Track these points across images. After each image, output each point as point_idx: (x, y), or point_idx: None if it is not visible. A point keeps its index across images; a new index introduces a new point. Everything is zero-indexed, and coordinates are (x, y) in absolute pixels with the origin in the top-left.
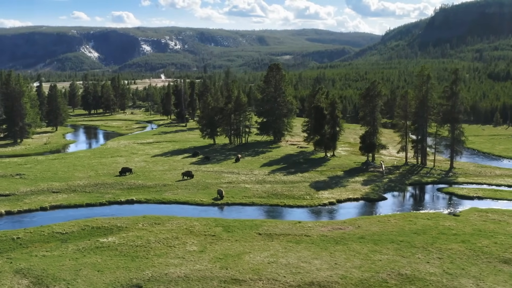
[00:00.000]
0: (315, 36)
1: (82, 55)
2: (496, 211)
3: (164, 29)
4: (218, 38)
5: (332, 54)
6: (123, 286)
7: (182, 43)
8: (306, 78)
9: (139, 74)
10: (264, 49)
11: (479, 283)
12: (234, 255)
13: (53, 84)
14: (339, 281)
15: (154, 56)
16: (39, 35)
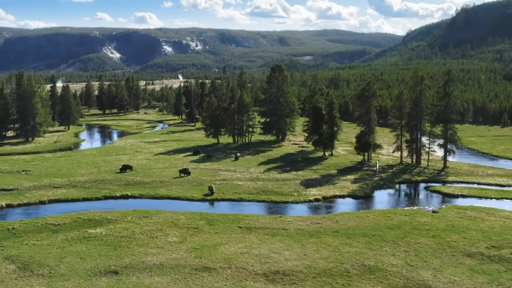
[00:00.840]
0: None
1: (104, 56)
2: (475, 209)
3: (185, 30)
4: (239, 39)
5: (353, 54)
6: (101, 272)
7: (203, 44)
8: (321, 79)
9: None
10: (285, 50)
11: (437, 274)
12: (210, 246)
13: (65, 85)
14: (303, 270)
15: (175, 57)
16: (62, 36)
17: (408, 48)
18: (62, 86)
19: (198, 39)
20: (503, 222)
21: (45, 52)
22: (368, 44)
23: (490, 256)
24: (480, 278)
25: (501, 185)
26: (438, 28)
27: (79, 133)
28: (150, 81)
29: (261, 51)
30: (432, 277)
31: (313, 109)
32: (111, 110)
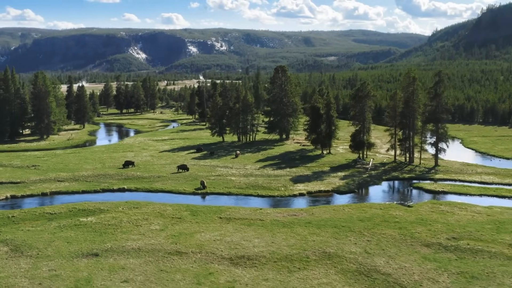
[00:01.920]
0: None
1: (130, 57)
2: (449, 204)
3: (211, 31)
4: (264, 39)
5: (378, 55)
6: (83, 254)
7: (228, 44)
8: (339, 79)
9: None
10: (309, 50)
11: (390, 261)
12: (187, 234)
13: (81, 85)
14: (267, 256)
15: (199, 57)
16: (89, 37)
17: (433, 49)
18: (78, 86)
19: (223, 40)
20: (471, 216)
21: (73, 52)
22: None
23: (446, 246)
24: (429, 265)
25: (485, 183)
26: (463, 28)
27: (93, 131)
28: (171, 81)
29: (286, 51)
30: (385, 263)
31: (311, 109)
32: (128, 109)
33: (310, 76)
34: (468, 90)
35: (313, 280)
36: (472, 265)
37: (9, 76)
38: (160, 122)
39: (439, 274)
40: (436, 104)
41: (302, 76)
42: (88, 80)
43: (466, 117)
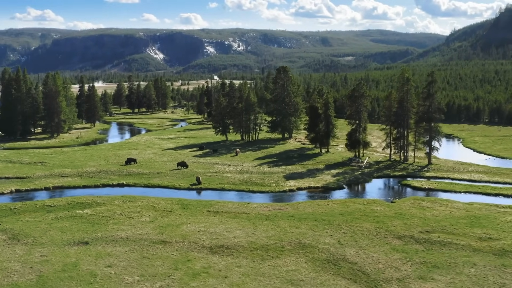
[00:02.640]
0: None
1: (148, 57)
2: (431, 200)
3: (228, 31)
4: (281, 39)
5: (395, 55)
6: (75, 242)
7: (245, 44)
8: (350, 79)
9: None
10: (327, 50)
11: (359, 251)
12: (174, 225)
13: (91, 85)
14: (245, 245)
15: (217, 57)
16: (108, 37)
17: (450, 49)
18: (88, 86)
19: (241, 40)
20: (449, 211)
21: (91, 52)
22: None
23: (417, 239)
24: (396, 255)
25: (473, 181)
26: (481, 28)
27: (103, 130)
28: (186, 81)
29: (303, 51)
30: (354, 253)
31: (309, 109)
32: (140, 109)
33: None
34: (478, 90)
35: (282, 267)
36: (437, 256)
37: (20, 76)
38: (169, 122)
39: (403, 264)
40: (429, 104)
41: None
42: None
43: (473, 117)
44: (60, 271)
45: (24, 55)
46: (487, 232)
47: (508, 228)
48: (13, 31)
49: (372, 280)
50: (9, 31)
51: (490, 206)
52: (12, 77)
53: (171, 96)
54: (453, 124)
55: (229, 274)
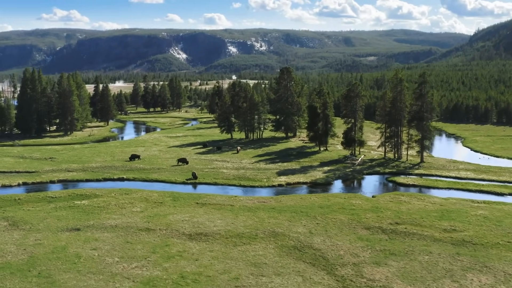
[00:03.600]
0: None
1: (171, 57)
2: (410, 195)
3: (251, 31)
4: (304, 39)
5: (418, 55)
6: (68, 229)
7: (267, 44)
8: (366, 79)
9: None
10: (349, 50)
11: (326, 240)
12: (161, 215)
13: (105, 85)
14: (222, 233)
15: (239, 57)
16: (131, 38)
17: (473, 49)
18: (102, 86)
19: (263, 40)
20: (424, 205)
21: (115, 52)
22: (436, 44)
23: (385, 230)
24: (359, 244)
25: (459, 178)
26: (505, 28)
27: (116, 128)
28: (205, 81)
29: (325, 51)
30: (321, 241)
31: (309, 108)
32: (155, 108)
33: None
34: (491, 91)
35: (250, 252)
36: (397, 244)
37: (36, 76)
38: (181, 120)
39: (363, 251)
40: (421, 104)
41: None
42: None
43: (480, 117)
44: (50, 252)
45: (50, 55)
46: (453, 225)
47: (475, 221)
48: (39, 31)
49: (330, 264)
50: (35, 32)
51: (466, 201)
52: (28, 78)
53: (188, 96)
54: (460, 124)
55: (201, 257)
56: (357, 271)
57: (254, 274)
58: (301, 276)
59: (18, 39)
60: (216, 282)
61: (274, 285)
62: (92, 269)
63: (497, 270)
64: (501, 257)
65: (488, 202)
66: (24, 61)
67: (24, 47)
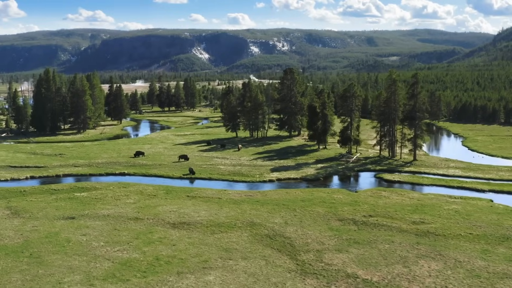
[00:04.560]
0: (427, 37)
1: (193, 57)
2: (392, 191)
3: (273, 31)
4: (326, 39)
5: (441, 55)
6: (63, 217)
7: (289, 44)
8: (381, 80)
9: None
10: (372, 50)
11: (298, 229)
12: (152, 206)
13: (118, 85)
14: (203, 222)
15: (261, 57)
16: (154, 38)
17: (496, 49)
18: (116, 86)
19: (285, 40)
20: (401, 200)
21: (138, 52)
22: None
23: (356, 221)
24: (328, 233)
25: (445, 175)
26: None
27: (128, 126)
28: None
29: (347, 51)
30: (293, 231)
31: (308, 108)
32: (170, 107)
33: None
34: (504, 91)
35: (225, 239)
36: (364, 234)
37: (50, 77)
38: (192, 120)
39: (330, 239)
40: (414, 104)
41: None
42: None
43: (488, 117)
44: (43, 237)
45: (74, 55)
46: (423, 218)
47: (445, 215)
48: (64, 31)
49: (296, 250)
50: (60, 32)
51: (444, 196)
52: (43, 78)
53: (204, 96)
54: (467, 124)
55: (178, 243)
56: (318, 257)
57: (223, 258)
58: (265, 260)
59: (44, 39)
60: (186, 263)
61: (239, 267)
62: (78, 251)
63: (449, 257)
64: (458, 246)
65: (464, 198)
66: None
67: (49, 47)
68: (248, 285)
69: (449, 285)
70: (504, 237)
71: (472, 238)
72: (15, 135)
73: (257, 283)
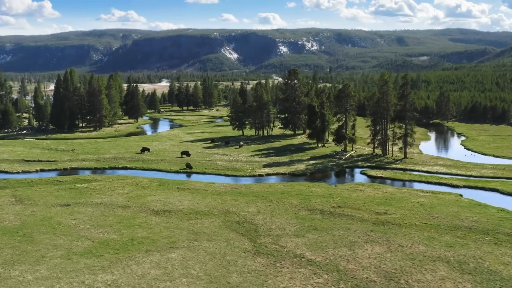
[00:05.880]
0: (459, 36)
1: (222, 57)
2: (369, 185)
3: (302, 31)
4: (356, 39)
5: (472, 55)
6: (60, 204)
7: (319, 44)
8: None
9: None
10: (401, 50)
11: (267, 217)
12: (141, 196)
13: (135, 85)
14: (183, 210)
15: (289, 57)
16: (184, 38)
17: None
18: (132, 85)
19: (314, 39)
20: (374, 193)
21: (168, 52)
22: (493, 43)
23: (324, 211)
24: (293, 221)
25: (430, 172)
26: None
27: (144, 125)
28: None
29: (377, 51)
30: (262, 218)
31: (308, 107)
32: (188, 107)
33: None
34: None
35: (197, 224)
36: (325, 222)
37: (68, 77)
38: (207, 118)
39: (292, 226)
40: (404, 104)
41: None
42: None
43: (497, 118)
44: (38, 221)
45: (106, 55)
46: (387, 209)
47: (409, 207)
48: (97, 32)
49: (257, 234)
50: (92, 32)
51: (415, 191)
52: (61, 78)
53: (225, 96)
54: (476, 124)
55: (155, 227)
56: (275, 240)
57: (190, 239)
58: (227, 242)
59: (77, 39)
60: (156, 244)
61: (201, 247)
62: (65, 232)
63: (394, 243)
64: (407, 234)
65: (435, 192)
66: (81, 61)
67: (82, 47)
68: (204, 262)
69: (382, 265)
70: (455, 227)
71: (425, 227)
72: (35, 132)
73: (212, 260)
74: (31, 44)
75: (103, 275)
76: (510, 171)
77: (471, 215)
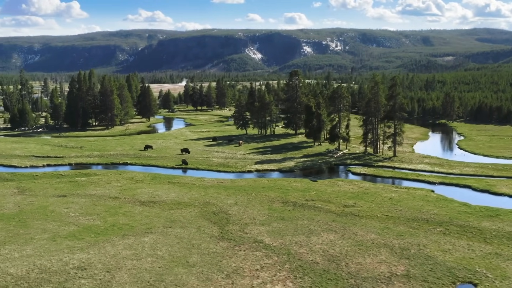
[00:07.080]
0: (486, 36)
1: (246, 57)
2: (348, 181)
3: (326, 31)
4: (380, 39)
5: (498, 55)
6: (57, 195)
7: (343, 44)
8: (417, 81)
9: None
10: (427, 50)
11: (242, 208)
12: (133, 189)
13: (147, 85)
14: (167, 202)
15: (313, 57)
16: (209, 38)
17: None
18: (144, 86)
19: (339, 40)
20: (349, 188)
21: (193, 53)
22: None
23: (296, 204)
24: (264, 212)
25: (413, 170)
26: None
27: (155, 123)
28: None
29: (401, 51)
30: (237, 209)
31: (305, 107)
32: (202, 107)
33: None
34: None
35: (176, 214)
36: (293, 213)
37: (81, 77)
38: (217, 118)
39: (262, 216)
40: (393, 104)
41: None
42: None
43: (503, 118)
44: (34, 209)
45: (132, 55)
46: (356, 202)
47: (378, 201)
48: (123, 32)
49: (228, 223)
50: (119, 32)
51: (390, 186)
52: (74, 79)
53: None
54: (480, 124)
55: (136, 215)
56: (242, 228)
57: (165, 226)
58: (197, 229)
59: (103, 39)
60: (134, 229)
61: (173, 233)
62: (55, 219)
63: (349, 231)
64: (364, 224)
65: (408, 188)
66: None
67: (108, 48)
68: (172, 245)
69: (330, 250)
70: (413, 218)
71: (384, 218)
72: (50, 130)
73: (179, 243)
74: (58, 44)
75: (80, 254)
76: (491, 169)
77: (433, 209)
